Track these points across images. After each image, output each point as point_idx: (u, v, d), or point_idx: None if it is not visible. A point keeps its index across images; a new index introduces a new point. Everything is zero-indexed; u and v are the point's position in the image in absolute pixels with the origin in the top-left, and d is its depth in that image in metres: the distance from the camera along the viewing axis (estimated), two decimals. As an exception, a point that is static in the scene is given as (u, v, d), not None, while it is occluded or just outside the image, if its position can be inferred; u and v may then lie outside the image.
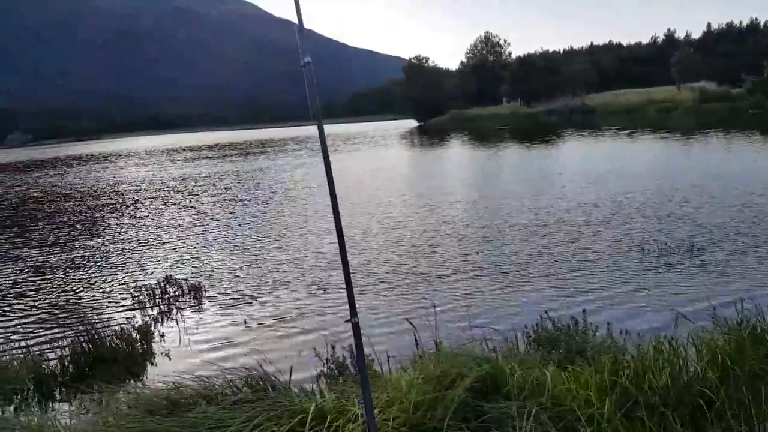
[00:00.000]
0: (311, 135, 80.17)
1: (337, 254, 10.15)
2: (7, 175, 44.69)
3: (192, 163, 41.88)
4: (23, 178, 39.25)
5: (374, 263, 9.66)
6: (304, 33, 2.08)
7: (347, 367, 5.29)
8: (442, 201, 15.73)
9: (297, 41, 2.16)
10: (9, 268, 11.49)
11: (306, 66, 2.16)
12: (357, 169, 27.57)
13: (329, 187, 2.24)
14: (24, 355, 6.16)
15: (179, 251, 12.07)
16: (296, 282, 9.01)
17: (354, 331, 2.28)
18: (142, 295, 8.73)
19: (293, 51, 2.23)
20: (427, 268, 9.17)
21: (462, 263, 9.34)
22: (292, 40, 2.21)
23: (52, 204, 22.74)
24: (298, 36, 2.12)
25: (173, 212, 17.84)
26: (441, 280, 8.52)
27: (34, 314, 8.43)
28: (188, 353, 6.61)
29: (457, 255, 9.88)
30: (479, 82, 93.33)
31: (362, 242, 11.32)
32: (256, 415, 2.91)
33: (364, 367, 2.25)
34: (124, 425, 2.96)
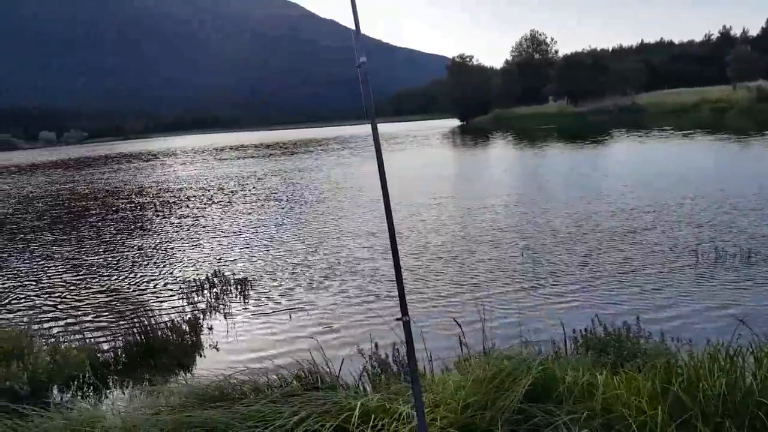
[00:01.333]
0: (353, 134, 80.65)
1: (382, 252, 10.29)
2: (62, 171, 46.61)
3: (237, 162, 42.76)
4: (76, 175, 40.87)
5: (419, 263, 9.64)
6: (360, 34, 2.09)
7: (390, 366, 5.29)
8: (486, 202, 15.56)
9: (334, 41, 2.17)
10: (66, 263, 11.98)
11: (361, 66, 2.16)
12: (400, 168, 27.57)
13: (382, 187, 2.23)
14: (81, 344, 6.39)
15: (226, 247, 12.34)
16: (341, 279, 9.08)
17: (405, 330, 2.27)
18: (191, 289, 8.97)
19: (338, 52, 2.24)
20: (472, 269, 9.09)
21: (508, 265, 9.21)
22: (337, 40, 2.23)
23: (105, 201, 23.59)
24: (354, 37, 2.13)
25: (220, 209, 18.25)
26: (486, 281, 8.43)
27: (90, 306, 8.76)
28: (235, 346, 6.75)
29: (503, 256, 9.75)
30: (524, 80, 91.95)
31: (407, 241, 11.31)
32: (303, 409, 2.94)
33: (415, 367, 2.24)
34: (177, 415, 3.04)
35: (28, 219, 19.25)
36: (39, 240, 14.91)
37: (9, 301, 9.30)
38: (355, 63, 2.11)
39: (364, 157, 37.84)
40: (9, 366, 5.35)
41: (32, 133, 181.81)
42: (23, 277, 10.88)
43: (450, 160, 34.05)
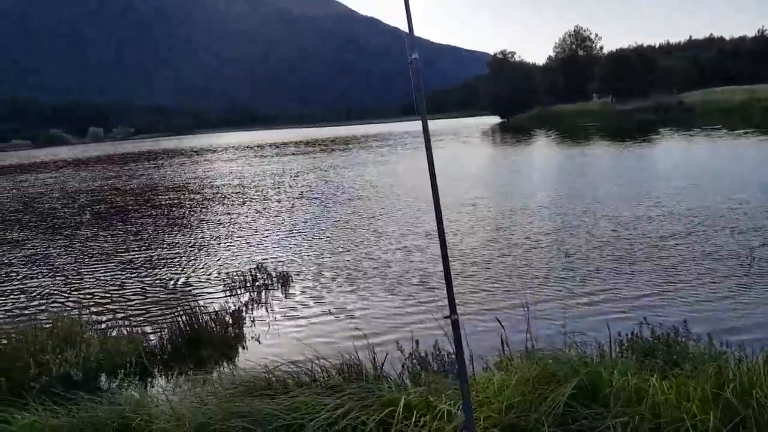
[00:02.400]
0: (391, 132, 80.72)
1: (425, 249, 10.27)
2: (106, 167, 48.13)
3: (277, 159, 43.34)
4: (121, 171, 42.14)
5: (463, 261, 9.56)
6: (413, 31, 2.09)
7: (430, 363, 5.29)
8: (529, 202, 15.33)
9: (374, 40, 2.17)
10: (113, 256, 12.38)
11: (413, 63, 2.16)
12: (440, 168, 27.44)
13: (432, 185, 2.23)
14: (129, 334, 6.59)
15: (268, 243, 12.53)
16: (382, 276, 9.10)
17: (453, 329, 2.26)
18: (234, 282, 9.15)
19: (378, 50, 2.24)
20: (514, 269, 8.98)
21: (552, 265, 9.06)
22: (379, 38, 2.23)
23: (148, 197, 24.26)
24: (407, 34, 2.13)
25: (260, 205, 18.54)
26: (529, 281, 8.32)
27: (137, 297, 9.03)
28: (277, 339, 6.84)
29: (547, 257, 9.60)
30: (567, 77, 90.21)
31: (449, 241, 11.24)
32: (347, 402, 2.97)
33: (464, 366, 2.23)
34: (224, 404, 3.11)
35: (73, 214, 19.97)
36: (85, 234, 15.45)
37: (60, 292, 9.67)
38: (408, 59, 2.11)
39: (402, 154, 37.85)
40: (63, 353, 5.57)
41: (81, 129, 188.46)
42: (71, 269, 11.29)
43: (490, 158, 33.73)
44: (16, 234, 16.05)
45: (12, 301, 9.26)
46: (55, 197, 25.78)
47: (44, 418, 3.57)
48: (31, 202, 24.71)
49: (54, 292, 9.51)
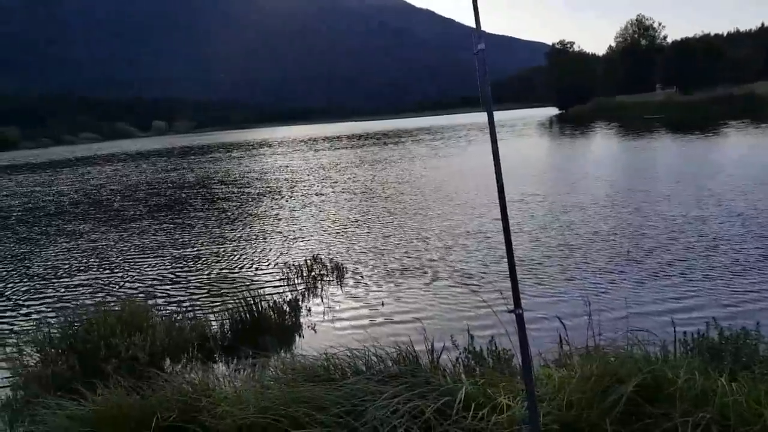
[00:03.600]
0: (446, 125, 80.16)
1: (483, 242, 10.21)
2: (170, 159, 49.92)
3: (331, 152, 43.82)
4: (182, 163, 43.61)
5: (520, 255, 9.40)
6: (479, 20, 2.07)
7: (486, 356, 5.26)
8: (589, 196, 14.92)
9: (428, 31, 2.15)
10: (176, 247, 12.86)
11: (479, 53, 2.14)
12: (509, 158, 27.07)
13: (497, 178, 2.21)
14: (192, 320, 6.85)
15: (323, 234, 12.73)
16: (438, 268, 9.08)
17: (518, 323, 2.24)
18: (290, 273, 9.35)
19: (433, 40, 2.23)
20: (574, 263, 8.77)
21: (613, 261, 8.80)
22: (433, 29, 2.21)
23: (206, 189, 25.04)
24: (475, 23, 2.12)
25: (315, 197, 18.82)
26: (590, 276, 8.12)
27: (200, 285, 9.37)
28: (332, 328, 6.96)
29: (608, 252, 9.30)
30: (629, 68, 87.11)
31: (537, 232, 11.09)
32: (404, 391, 2.99)
33: (529, 360, 2.21)
34: (286, 389, 3.19)
35: (135, 206, 20.84)
36: (148, 226, 16.10)
37: (127, 280, 10.15)
38: (474, 50, 2.09)
39: (456, 147, 37.54)
40: (131, 337, 5.85)
41: (146, 123, 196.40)
42: (137, 259, 11.81)
43: (548, 151, 32.97)
44: (83, 225, 16.91)
45: (83, 287, 9.78)
46: (117, 189, 26.99)
47: (115, 398, 3.76)
48: (94, 194, 25.97)
49: (121, 280, 9.97)
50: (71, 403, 4.03)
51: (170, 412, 3.40)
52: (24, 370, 5.60)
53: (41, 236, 15.27)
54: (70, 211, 19.96)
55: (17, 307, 8.85)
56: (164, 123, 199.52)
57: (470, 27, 2.30)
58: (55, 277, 10.50)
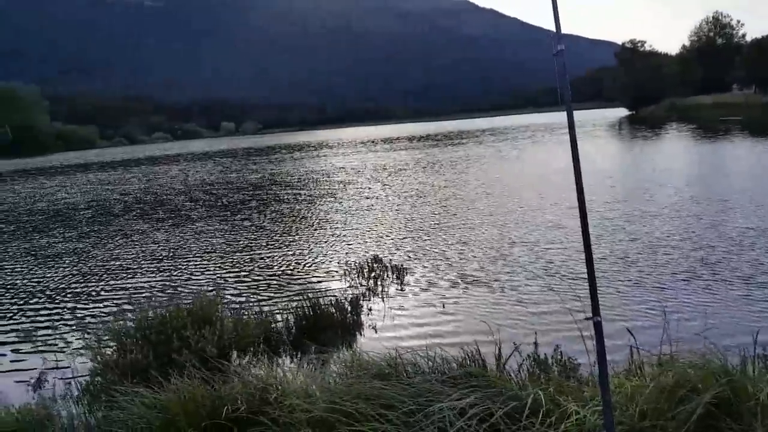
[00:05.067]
0: (507, 125, 78.83)
1: (552, 246, 9.98)
2: (235, 159, 51.48)
3: (393, 153, 43.98)
4: (247, 164, 44.87)
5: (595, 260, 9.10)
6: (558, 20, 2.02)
7: (550, 363, 5.13)
8: (661, 201, 14.28)
9: (493, 31, 2.11)
10: (241, 244, 13.26)
11: (558, 54, 2.10)
12: (567, 161, 26.41)
13: (575, 179, 2.15)
14: (258, 316, 7.04)
15: (384, 234, 12.79)
16: (503, 271, 8.94)
17: (596, 331, 2.17)
18: (352, 272, 9.45)
19: (498, 41, 2.18)
20: (649, 271, 8.39)
21: (689, 269, 8.37)
22: (499, 30, 2.16)
23: (270, 189, 25.65)
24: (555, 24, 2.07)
25: (376, 198, 18.93)
26: (665, 284, 7.77)
27: (265, 282, 9.63)
28: (393, 327, 6.98)
29: (683, 260, 8.86)
30: (704, 67, 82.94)
31: (578, 236, 10.78)
32: (471, 393, 2.96)
33: (606, 370, 2.13)
34: (352, 386, 3.23)
35: (200, 205, 21.60)
36: (215, 224, 16.67)
37: (198, 276, 10.55)
38: (553, 51, 2.05)
39: (522, 149, 36.84)
40: (201, 330, 6.08)
41: (215, 124, 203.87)
42: (206, 256, 12.26)
43: (619, 153, 31.77)
44: (149, 223, 17.70)
45: (155, 282, 10.24)
46: (181, 189, 28.08)
47: (188, 388, 3.91)
48: (160, 193, 27.12)
49: (190, 276, 10.36)
50: (146, 390, 4.22)
51: (240, 403, 3.50)
52: (102, 358, 5.91)
53: (113, 233, 16.10)
54: (137, 210, 20.91)
55: (96, 299, 9.36)
56: (232, 124, 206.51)
57: (527, 23, 2.25)
58: (129, 272, 11.05)
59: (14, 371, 6.57)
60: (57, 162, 76.72)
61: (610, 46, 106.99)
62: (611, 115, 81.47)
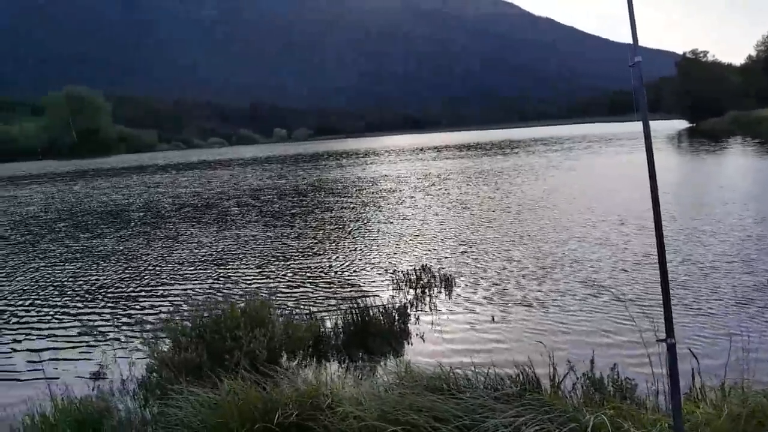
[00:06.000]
0: (554, 135, 77.27)
1: (611, 262, 9.67)
2: (284, 166, 52.36)
3: (441, 162, 43.80)
4: (296, 170, 45.53)
5: (652, 278, 8.76)
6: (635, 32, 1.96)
7: (605, 385, 4.96)
8: (727, 219, 13.46)
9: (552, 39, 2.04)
10: (291, 250, 13.45)
11: (635, 65, 2.03)
12: (625, 174, 25.71)
13: (651, 193, 2.07)
14: (307, 320, 7.10)
15: (433, 243, 12.71)
16: (556, 286, 8.71)
17: (669, 354, 2.07)
18: (400, 280, 9.43)
19: (551, 50, 2.11)
20: (715, 293, 7.99)
21: (757, 293, 7.92)
22: (553, 38, 2.09)
23: (320, 194, 25.93)
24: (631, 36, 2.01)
25: (424, 207, 18.86)
26: (730, 307, 7.38)
27: (314, 286, 9.72)
28: (441, 338, 6.90)
29: (751, 284, 8.39)
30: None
31: (638, 254, 10.44)
32: (526, 412, 2.88)
33: (679, 396, 2.03)
34: (406, 396, 3.20)
35: (250, 210, 22.03)
36: (266, 229, 16.97)
37: (246, 278, 10.76)
38: (629, 62, 1.99)
39: (576, 159, 36.01)
40: (253, 331, 6.17)
41: (268, 130, 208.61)
42: (258, 259, 12.49)
43: (680, 167, 30.55)
44: (200, 227, 18.16)
45: (209, 282, 10.49)
46: (232, 194, 28.73)
47: (240, 390, 3.97)
48: (212, 197, 27.82)
49: (241, 280, 10.57)
50: (200, 390, 4.31)
51: (291, 408, 3.52)
52: (158, 355, 6.08)
53: (164, 235, 16.61)
54: (187, 213, 21.50)
55: (151, 297, 9.67)
56: (284, 130, 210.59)
57: (583, 31, 2.18)
58: (182, 273, 11.37)
59: (76, 365, 6.84)
60: (115, 164, 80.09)
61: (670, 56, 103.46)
62: (670, 127, 78.72)
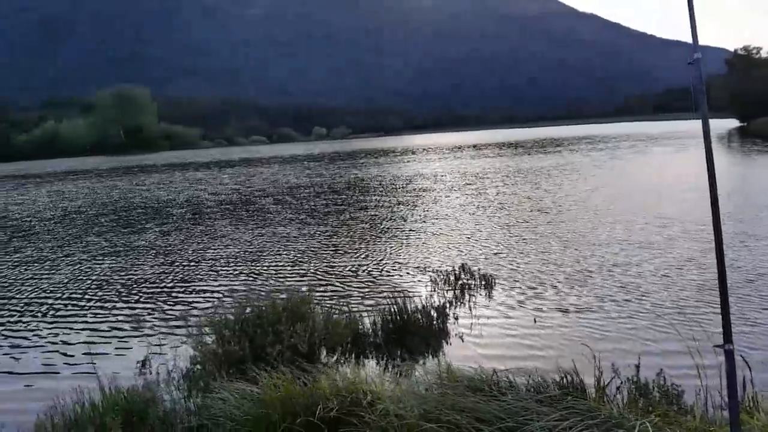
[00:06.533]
0: (600, 134, 75.47)
1: (648, 263, 9.40)
2: (323, 164, 52.76)
3: (484, 160, 43.39)
4: (332, 168, 45.80)
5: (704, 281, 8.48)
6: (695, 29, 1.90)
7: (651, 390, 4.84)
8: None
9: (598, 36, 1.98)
10: (329, 247, 13.55)
11: (695, 63, 1.97)
12: (668, 174, 24.97)
13: (710, 191, 2.00)
14: (347, 317, 7.14)
15: (472, 242, 12.60)
16: (595, 289, 8.51)
17: (727, 360, 2.00)
18: (438, 279, 9.39)
19: (597, 47, 2.03)
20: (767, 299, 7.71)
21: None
22: (599, 35, 2.02)
23: (357, 193, 26.03)
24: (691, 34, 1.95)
25: (465, 206, 18.71)
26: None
27: (353, 284, 9.78)
28: (481, 339, 6.85)
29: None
30: (832, 76, 75.33)
31: (690, 252, 10.15)
32: (570, 416, 2.83)
33: (737, 405, 1.97)
34: (448, 396, 3.19)
35: (288, 208, 22.26)
36: (307, 226, 17.15)
37: (285, 274, 10.91)
38: (688, 60, 1.93)
39: (624, 159, 35.09)
40: (294, 326, 6.26)
41: (307, 129, 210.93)
42: (299, 255, 12.64)
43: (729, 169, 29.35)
44: (240, 224, 18.47)
45: (249, 277, 10.68)
46: (270, 191, 29.11)
47: (282, 384, 4.03)
48: (249, 194, 28.24)
49: (282, 276, 10.71)
50: (243, 382, 4.40)
51: (332, 403, 3.55)
52: (202, 348, 6.23)
53: (204, 231, 16.98)
54: (226, 209, 21.86)
55: (195, 292, 9.90)
56: (323, 129, 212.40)
57: (630, 29, 2.11)
58: (222, 269, 11.61)
59: (123, 357, 7.06)
60: (159, 161, 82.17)
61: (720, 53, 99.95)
62: (719, 127, 75.89)
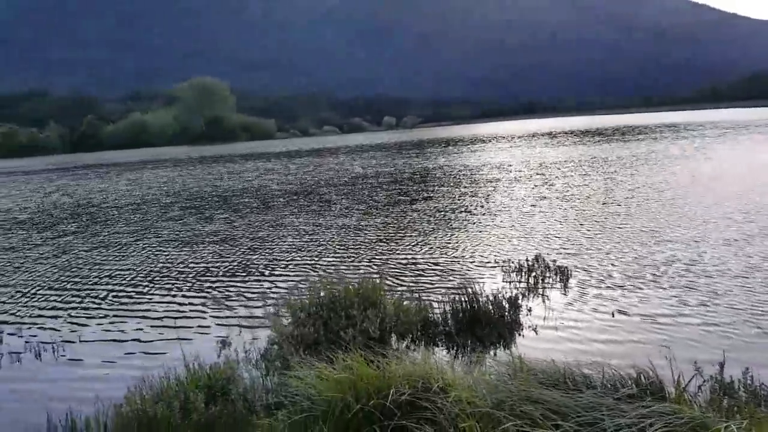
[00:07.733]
0: (691, 121, 71.37)
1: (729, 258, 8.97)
2: (392, 153, 52.88)
3: (557, 149, 42.18)
4: (403, 157, 45.82)
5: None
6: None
7: (736, 389, 4.62)
8: None
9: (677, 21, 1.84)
10: (399, 236, 13.64)
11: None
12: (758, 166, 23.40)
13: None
14: (417, 304, 7.21)
15: (547, 233, 12.31)
16: (675, 284, 8.16)
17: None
18: (511, 269, 9.28)
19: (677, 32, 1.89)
20: None
21: None
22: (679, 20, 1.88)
23: (427, 181, 25.96)
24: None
25: (535, 194, 18.28)
26: None
27: (425, 272, 9.82)
28: (555, 332, 6.73)
29: None
30: None
31: None
32: (652, 415, 2.76)
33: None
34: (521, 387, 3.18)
35: (361, 197, 22.48)
36: (383, 214, 17.31)
37: (358, 261, 11.10)
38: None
39: (710, 149, 33.11)
40: (366, 311, 6.40)
41: (378, 118, 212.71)
42: (371, 243, 12.82)
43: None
44: (305, 213, 18.85)
45: (321, 265, 10.96)
46: (339, 181, 29.49)
47: (356, 367, 4.13)
48: (319, 183, 28.73)
49: (354, 263, 10.91)
50: (319, 363, 4.55)
51: (404, 388, 3.62)
52: (279, 329, 6.48)
53: (277, 218, 17.49)
54: (296, 200, 22.32)
55: (273, 276, 10.28)
56: (393, 119, 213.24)
57: (716, 9, 1.95)
58: (300, 254, 11.97)
59: (206, 334, 7.47)
60: (234, 151, 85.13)
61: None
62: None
